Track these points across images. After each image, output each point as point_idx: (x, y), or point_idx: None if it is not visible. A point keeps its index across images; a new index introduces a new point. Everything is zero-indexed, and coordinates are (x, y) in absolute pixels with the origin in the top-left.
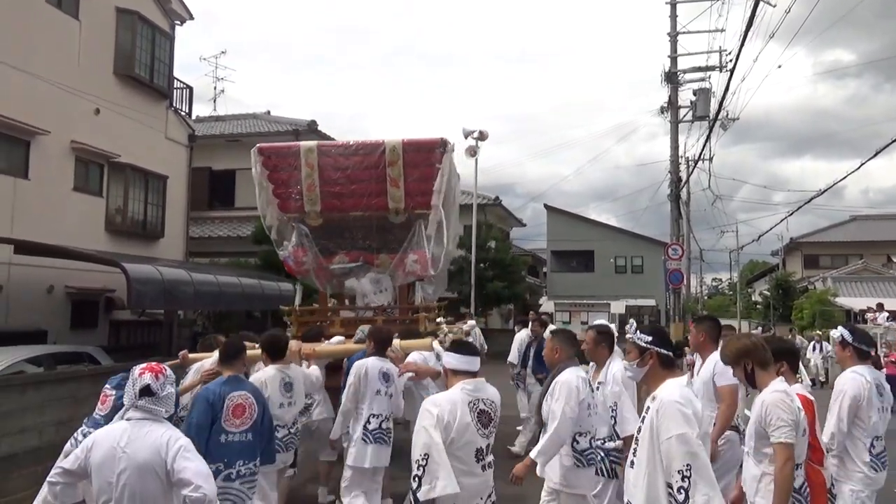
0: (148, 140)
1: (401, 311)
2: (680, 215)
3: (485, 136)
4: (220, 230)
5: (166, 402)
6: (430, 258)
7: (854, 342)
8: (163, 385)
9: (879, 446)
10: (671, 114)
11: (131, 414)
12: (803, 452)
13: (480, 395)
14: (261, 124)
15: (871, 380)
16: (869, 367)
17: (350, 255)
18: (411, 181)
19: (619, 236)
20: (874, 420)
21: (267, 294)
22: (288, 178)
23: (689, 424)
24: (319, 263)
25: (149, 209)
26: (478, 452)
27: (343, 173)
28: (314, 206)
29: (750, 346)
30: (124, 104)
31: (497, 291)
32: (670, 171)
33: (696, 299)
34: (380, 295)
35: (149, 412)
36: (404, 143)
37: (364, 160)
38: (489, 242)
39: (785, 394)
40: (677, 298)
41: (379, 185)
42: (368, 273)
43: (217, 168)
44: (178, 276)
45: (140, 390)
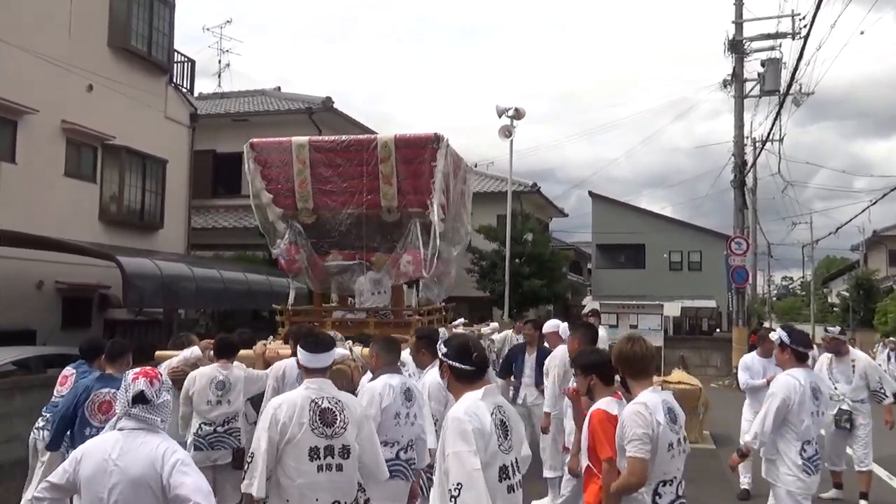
0: (146, 120)
1: (396, 314)
2: (745, 204)
3: (521, 115)
4: (226, 220)
5: (162, 410)
6: (424, 259)
7: (792, 344)
8: (158, 391)
9: (811, 450)
10: (735, 88)
11: (124, 423)
12: (670, 469)
13: (325, 394)
14: (270, 102)
15: (805, 383)
16: (806, 369)
17: (344, 253)
18: (404, 178)
19: (674, 228)
20: (806, 423)
21: (276, 291)
22: (280, 175)
23: (465, 442)
24: (313, 262)
25: (147, 196)
26: (312, 451)
27: (335, 170)
28: (307, 203)
29: (628, 351)
30: (120, 80)
31: (534, 290)
32: (734, 153)
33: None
34: (378, 296)
35: (143, 421)
36: (396, 139)
37: (355, 157)
38: (525, 235)
39: (644, 406)
40: (741, 299)
41: (371, 182)
42: (368, 272)
43: (222, 150)
44: (178, 271)
45: (133, 397)
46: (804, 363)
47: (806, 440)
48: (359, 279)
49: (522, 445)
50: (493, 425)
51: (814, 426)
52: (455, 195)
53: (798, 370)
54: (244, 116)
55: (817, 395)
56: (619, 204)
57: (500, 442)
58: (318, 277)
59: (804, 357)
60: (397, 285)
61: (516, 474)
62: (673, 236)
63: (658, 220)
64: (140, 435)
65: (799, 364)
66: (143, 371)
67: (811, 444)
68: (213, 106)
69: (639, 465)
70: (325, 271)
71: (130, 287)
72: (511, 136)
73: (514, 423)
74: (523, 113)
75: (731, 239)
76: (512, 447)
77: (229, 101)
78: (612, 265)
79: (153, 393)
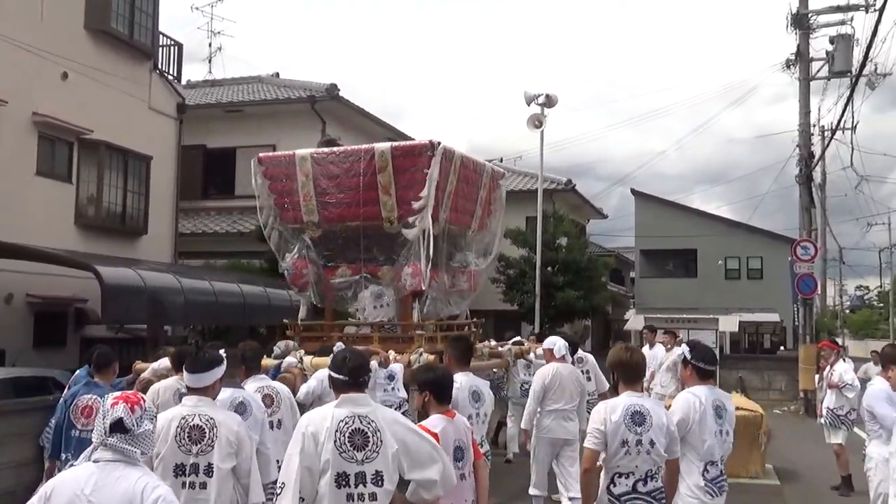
0: (127, 111)
1: (404, 328)
2: (812, 203)
3: (553, 102)
4: (217, 224)
5: (142, 441)
6: (426, 272)
7: (692, 360)
8: (139, 420)
9: (715, 471)
10: (800, 68)
11: (100, 454)
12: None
13: (197, 412)
14: (268, 90)
15: (706, 401)
16: (709, 387)
17: (352, 267)
18: (402, 188)
19: (730, 230)
20: (708, 444)
21: (275, 305)
22: (286, 189)
23: (294, 444)
24: (321, 276)
25: (129, 198)
26: (177, 468)
27: (334, 182)
28: (312, 216)
29: (625, 359)
30: (98, 67)
31: (569, 303)
32: (799, 144)
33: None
34: (379, 310)
35: (120, 453)
36: (393, 148)
37: (353, 167)
38: (559, 239)
39: (604, 406)
40: (808, 312)
41: (369, 193)
42: (370, 286)
43: (213, 146)
44: (164, 282)
45: (111, 425)
46: (708, 380)
47: (709, 461)
48: (361, 293)
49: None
50: (334, 432)
51: (718, 446)
52: (480, 203)
53: (700, 388)
54: (238, 106)
55: (721, 413)
56: (666, 203)
57: (342, 450)
58: (326, 292)
59: (707, 374)
60: (405, 299)
61: (368, 485)
62: (729, 240)
63: (712, 222)
64: (117, 468)
65: (701, 381)
66: (125, 395)
67: (715, 464)
68: (203, 95)
69: (588, 453)
70: (332, 287)
71: (110, 300)
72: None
73: (385, 435)
74: (555, 100)
75: (797, 243)
76: (368, 458)
77: (221, 89)
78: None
79: (133, 421)
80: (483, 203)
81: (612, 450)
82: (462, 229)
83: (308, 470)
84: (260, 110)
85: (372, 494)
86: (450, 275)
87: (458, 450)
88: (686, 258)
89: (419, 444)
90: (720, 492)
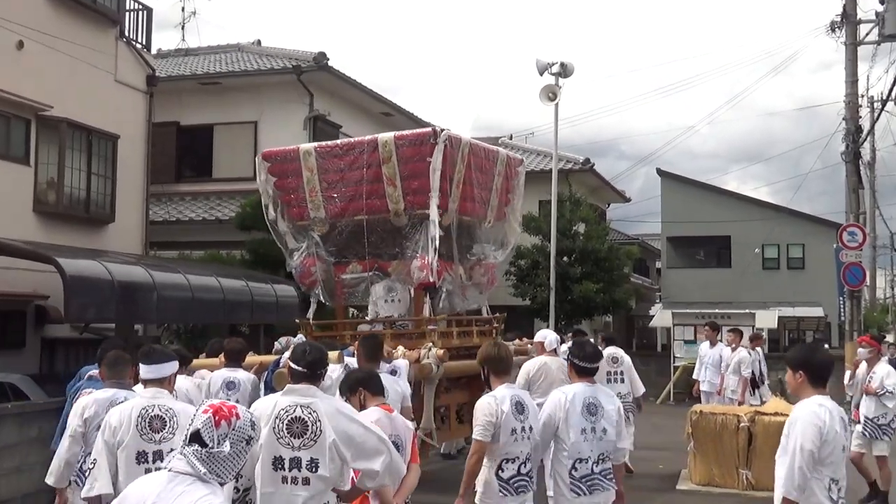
0: (91, 84)
1: (416, 324)
2: (860, 183)
3: (569, 71)
4: (193, 210)
5: (217, 462)
6: (434, 264)
7: (571, 357)
8: (221, 438)
9: (584, 469)
10: (846, 32)
11: (175, 462)
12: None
13: (157, 402)
14: (248, 59)
15: (577, 398)
16: (585, 384)
17: (363, 263)
18: (406, 179)
19: (768, 215)
20: (573, 440)
21: (258, 301)
22: (291, 185)
23: None
24: (330, 274)
25: (93, 182)
26: (139, 456)
27: (340, 175)
28: (318, 212)
29: (494, 354)
30: (58, 35)
31: (587, 297)
32: (845, 117)
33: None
34: (390, 305)
35: (191, 467)
36: (396, 138)
37: (357, 159)
38: (576, 226)
39: (493, 398)
40: (856, 306)
41: (375, 185)
42: (382, 281)
43: (188, 122)
44: (134, 276)
45: (191, 435)
46: (587, 377)
47: (577, 458)
48: (373, 288)
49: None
50: (274, 418)
51: (588, 444)
52: (495, 192)
53: (574, 385)
54: (215, 78)
55: (594, 410)
56: (696, 184)
57: (279, 435)
58: (337, 289)
59: (585, 371)
60: (417, 293)
61: (303, 470)
62: (767, 225)
63: (747, 205)
64: (185, 481)
65: (580, 378)
66: (217, 407)
67: (585, 462)
68: (175, 66)
69: (478, 445)
70: (342, 284)
71: (74, 297)
72: (556, 100)
73: (324, 426)
74: (571, 69)
75: (843, 228)
76: (305, 445)
77: (196, 59)
78: (688, 264)
79: (213, 438)
80: (499, 192)
81: (504, 439)
82: (477, 220)
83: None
84: (240, 82)
85: (305, 479)
86: (466, 268)
87: (394, 445)
88: (719, 246)
89: (364, 436)
90: (587, 491)
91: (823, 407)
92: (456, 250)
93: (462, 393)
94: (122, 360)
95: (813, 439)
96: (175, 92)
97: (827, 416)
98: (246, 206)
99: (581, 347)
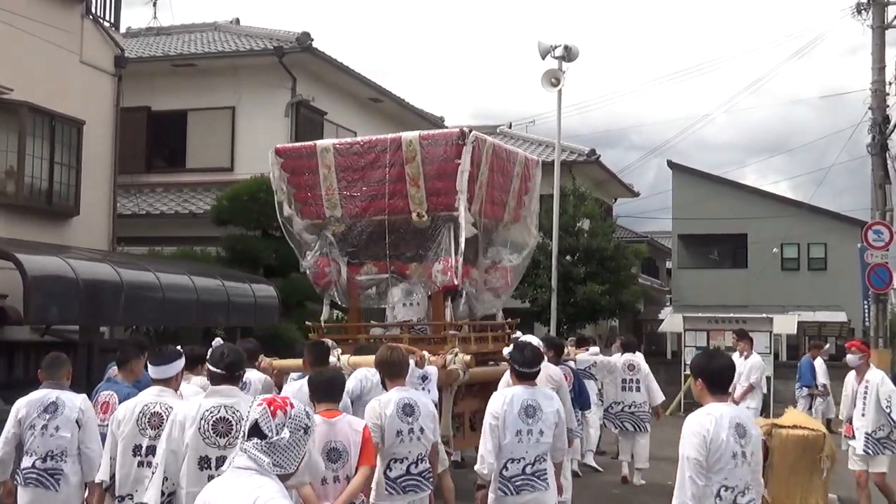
0: (54, 66)
1: (434, 329)
2: (887, 177)
3: (573, 55)
4: (165, 203)
5: (279, 451)
6: (457, 267)
7: (511, 361)
8: (279, 427)
9: (515, 469)
10: (874, 14)
11: (237, 460)
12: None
13: (159, 401)
14: (225, 40)
15: (516, 400)
16: (526, 387)
17: (379, 264)
18: (431, 179)
19: (788, 211)
20: (507, 441)
21: (235, 302)
22: (307, 182)
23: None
24: (347, 275)
25: (56, 171)
26: (135, 449)
27: (360, 173)
28: (335, 211)
29: (387, 357)
30: (17, 11)
31: (592, 299)
32: (872, 105)
33: None
34: (409, 308)
35: (253, 461)
36: (421, 137)
37: (379, 158)
38: (580, 222)
39: (378, 402)
40: (882, 310)
41: (397, 185)
42: (400, 284)
43: (159, 108)
44: (100, 273)
45: (249, 428)
46: (527, 381)
47: (509, 458)
48: (391, 291)
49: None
50: (199, 420)
51: (523, 445)
52: (513, 194)
53: (512, 388)
54: (189, 60)
55: (532, 413)
56: (710, 178)
57: (205, 436)
58: (351, 291)
59: (524, 376)
60: (437, 297)
61: None
62: (786, 223)
63: (765, 201)
64: (249, 476)
65: (520, 381)
66: (270, 399)
67: (517, 462)
68: (146, 46)
69: None
70: (357, 285)
71: (35, 296)
72: (559, 86)
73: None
74: (576, 52)
75: (868, 226)
76: (231, 444)
77: (169, 38)
78: (701, 264)
79: (272, 427)
80: (516, 194)
81: (389, 441)
82: (495, 222)
83: (174, 453)
84: (216, 64)
85: None
86: (482, 271)
87: (334, 451)
88: (734, 245)
89: None
90: (515, 491)
91: (710, 416)
92: (480, 254)
93: (475, 400)
94: (59, 361)
95: (697, 448)
96: (146, 74)
97: (711, 425)
98: (222, 198)
99: (521, 351)
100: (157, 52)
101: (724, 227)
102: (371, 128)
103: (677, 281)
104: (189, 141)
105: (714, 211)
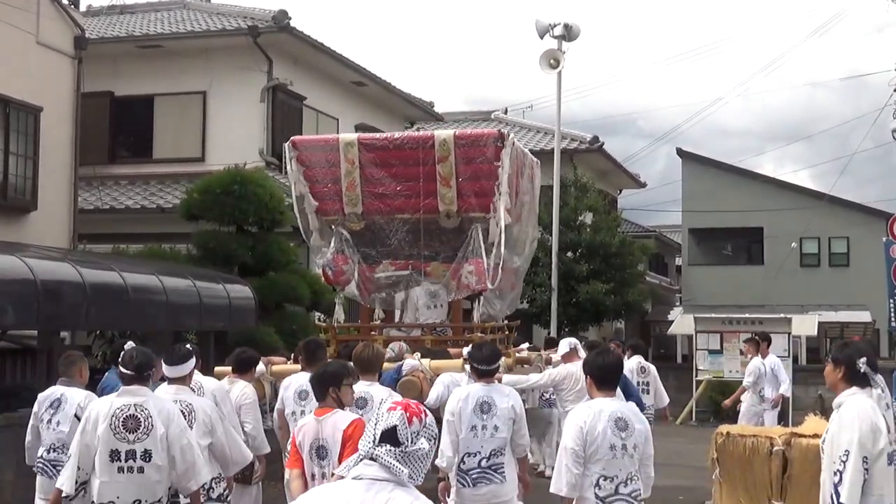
0: (8, 47)
1: (455, 331)
2: None
3: (574, 34)
4: (130, 197)
5: (414, 461)
6: (487, 269)
7: (469, 360)
8: (415, 435)
9: (471, 463)
10: None
11: (363, 469)
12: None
13: (178, 398)
14: (195, 18)
15: (465, 397)
16: (485, 384)
17: (396, 263)
18: (464, 180)
19: (808, 203)
20: (463, 436)
21: (207, 304)
22: (325, 176)
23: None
24: (362, 273)
25: (12, 163)
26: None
27: (388, 171)
28: (355, 207)
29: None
30: None
31: (596, 298)
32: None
33: None
34: (433, 310)
35: (387, 469)
36: (456, 137)
37: (411, 156)
38: (582, 215)
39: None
40: None
41: (428, 184)
42: (423, 283)
43: (123, 93)
44: (60, 273)
45: (383, 432)
46: (485, 378)
47: (466, 452)
48: (412, 291)
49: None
50: (110, 417)
51: (478, 440)
52: (521, 197)
53: (473, 385)
54: (155, 41)
55: (486, 409)
56: (724, 167)
57: (115, 431)
58: (367, 291)
59: (482, 373)
60: (456, 299)
61: (138, 460)
62: (806, 216)
63: (783, 192)
64: (384, 488)
65: (479, 379)
66: (405, 403)
67: (472, 456)
68: (109, 26)
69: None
70: (374, 284)
71: None
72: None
73: (155, 421)
74: (577, 31)
75: (894, 219)
76: (139, 439)
77: (133, 17)
78: (713, 260)
79: (409, 435)
80: (519, 193)
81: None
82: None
83: (87, 447)
84: (185, 46)
85: (140, 468)
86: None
87: (321, 448)
88: (749, 239)
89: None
90: (471, 484)
91: (590, 409)
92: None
93: None
94: (71, 359)
95: (575, 438)
96: (108, 56)
97: (590, 418)
98: (193, 192)
99: (479, 350)
100: (120, 32)
101: (738, 220)
102: (354, 114)
103: (688, 279)
104: (156, 129)
105: (727, 203)
